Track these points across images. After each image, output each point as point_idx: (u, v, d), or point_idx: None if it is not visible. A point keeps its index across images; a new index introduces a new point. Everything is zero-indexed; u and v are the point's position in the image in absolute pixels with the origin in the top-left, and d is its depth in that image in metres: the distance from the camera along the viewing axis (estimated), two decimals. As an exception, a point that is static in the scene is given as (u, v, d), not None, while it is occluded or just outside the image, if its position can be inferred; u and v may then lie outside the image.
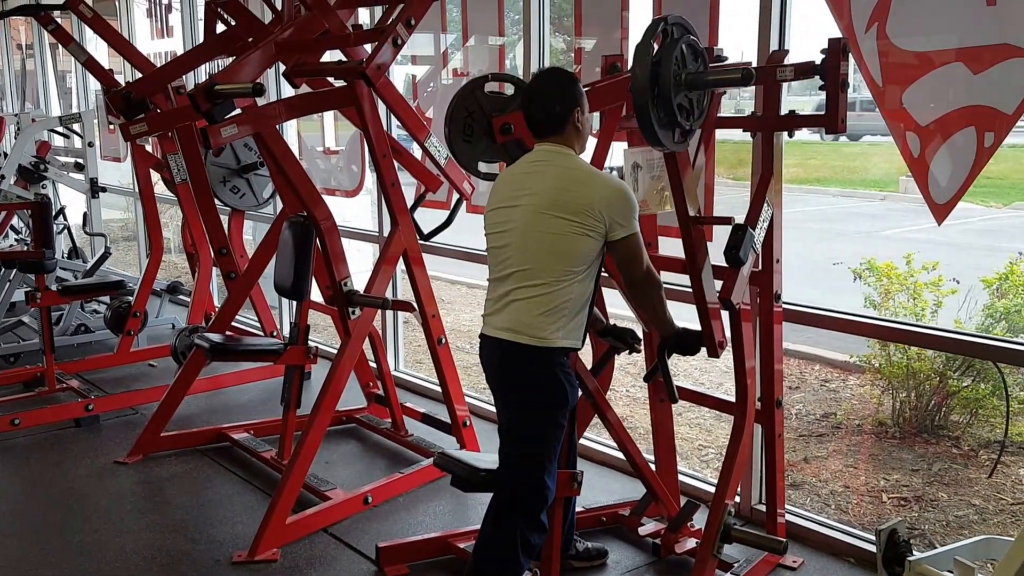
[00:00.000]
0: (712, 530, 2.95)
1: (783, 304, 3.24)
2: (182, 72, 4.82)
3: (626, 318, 4.00)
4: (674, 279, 3.32)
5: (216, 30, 4.67)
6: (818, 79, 2.87)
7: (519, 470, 2.74)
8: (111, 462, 4.34)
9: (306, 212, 3.88)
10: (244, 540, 3.51)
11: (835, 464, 4.61)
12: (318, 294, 4.63)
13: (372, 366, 4.81)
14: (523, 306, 2.70)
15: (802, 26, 3.41)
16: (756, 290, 3.19)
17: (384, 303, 3.78)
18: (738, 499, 3.67)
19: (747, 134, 3.27)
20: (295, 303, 4.26)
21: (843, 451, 4.78)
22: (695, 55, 2.65)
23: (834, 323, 3.46)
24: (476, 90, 3.24)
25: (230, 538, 3.59)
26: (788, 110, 3.04)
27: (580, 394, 2.92)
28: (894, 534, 2.77)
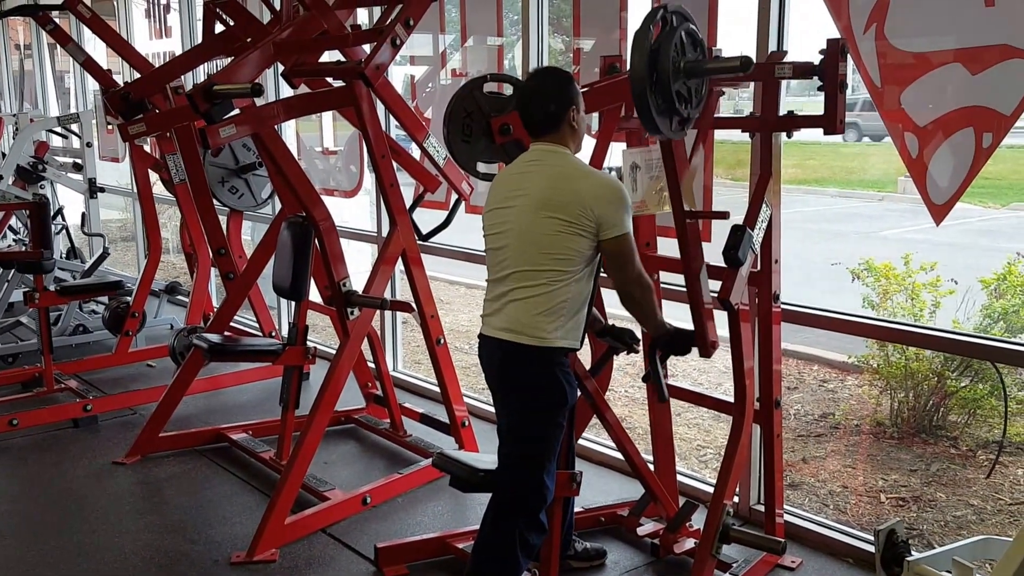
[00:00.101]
0: (711, 530, 2.95)
1: (782, 304, 3.24)
2: (180, 72, 4.83)
3: (625, 318, 3.99)
4: (674, 279, 3.32)
5: (215, 30, 4.67)
6: (817, 80, 2.88)
7: (519, 470, 2.74)
8: (109, 463, 4.33)
9: (305, 212, 3.89)
10: (243, 540, 3.51)
11: (833, 464, 4.61)
12: (317, 294, 4.63)
13: (371, 366, 4.81)
14: (521, 306, 2.70)
15: (801, 27, 3.41)
16: (755, 290, 3.19)
17: (383, 303, 3.79)
18: (737, 499, 3.68)
19: (746, 134, 3.28)
20: (294, 303, 4.26)
21: (841, 451, 4.78)
22: (694, 44, 2.63)
23: (832, 323, 3.47)
24: (475, 90, 3.24)
25: (228, 538, 3.59)
26: (787, 110, 3.04)
27: (579, 394, 2.92)
28: (892, 534, 2.77)
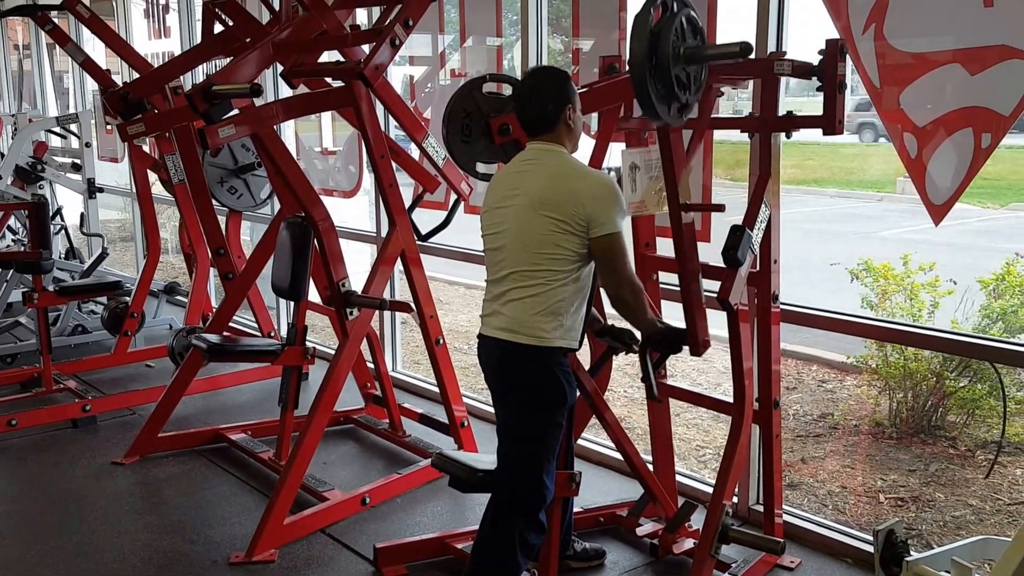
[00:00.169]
0: (710, 530, 2.95)
1: (781, 305, 3.24)
2: (180, 72, 4.83)
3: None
4: (673, 280, 3.32)
5: (214, 30, 4.67)
6: (816, 80, 2.88)
7: (518, 470, 2.75)
8: (108, 463, 4.33)
9: (304, 213, 3.89)
10: (242, 541, 3.51)
11: (832, 464, 4.61)
12: (316, 295, 4.63)
13: (370, 367, 4.81)
14: (519, 307, 2.70)
15: (800, 27, 3.41)
16: (754, 291, 3.19)
17: (382, 304, 3.79)
18: (736, 499, 3.68)
19: (745, 135, 3.28)
20: (293, 304, 4.26)
21: (840, 451, 4.78)
22: (694, 31, 2.61)
23: (831, 324, 3.47)
24: (474, 91, 3.24)
25: (228, 539, 3.59)
26: (786, 111, 3.04)
27: (578, 394, 2.92)
28: (891, 534, 2.78)
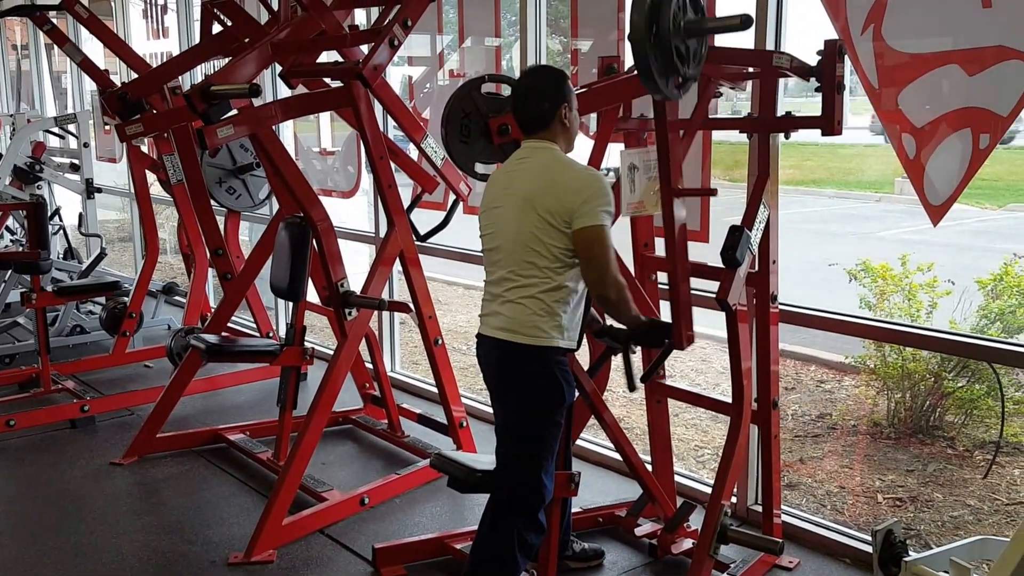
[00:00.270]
0: (709, 530, 2.95)
1: (779, 305, 3.25)
2: (178, 73, 4.83)
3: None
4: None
5: (212, 31, 4.66)
6: (814, 80, 2.88)
7: (518, 470, 2.74)
8: (107, 463, 4.33)
9: (302, 213, 3.89)
10: (240, 541, 3.51)
11: (831, 465, 4.61)
12: (314, 295, 4.63)
13: (369, 367, 4.81)
14: (517, 306, 2.70)
15: (799, 27, 3.41)
16: (752, 291, 3.20)
17: (380, 304, 3.79)
18: (734, 500, 3.67)
19: (744, 135, 3.28)
20: (291, 304, 4.26)
21: (839, 452, 4.79)
22: (694, 5, 2.60)
23: (830, 324, 3.47)
24: (473, 91, 3.24)
25: (226, 539, 3.59)
26: (784, 111, 3.04)
27: (576, 394, 2.92)
28: (890, 535, 2.78)
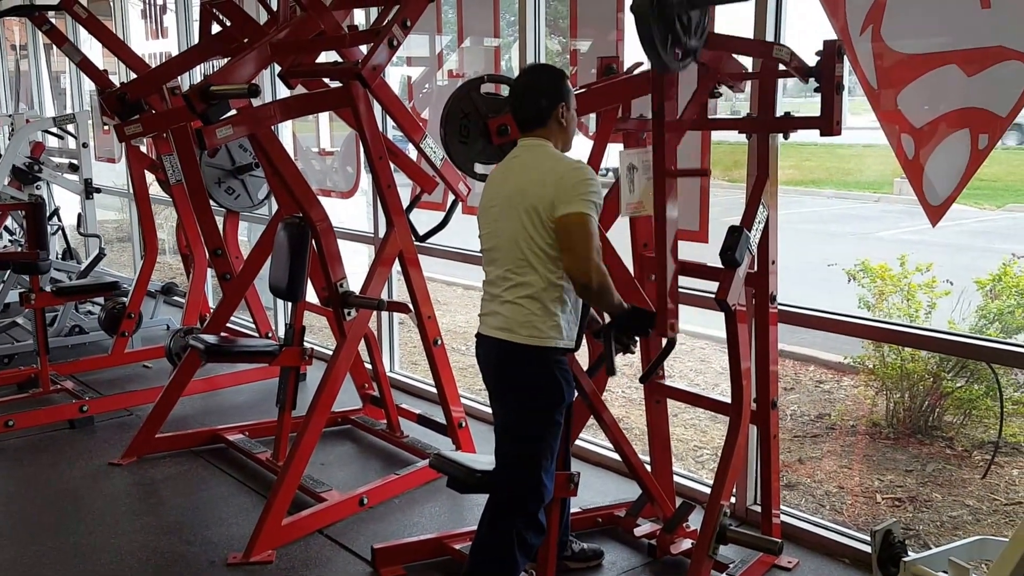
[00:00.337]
0: (708, 531, 2.95)
1: (778, 305, 3.25)
2: (177, 73, 4.82)
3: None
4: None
5: (211, 31, 4.66)
6: (812, 81, 2.88)
7: (518, 470, 2.74)
8: (106, 464, 4.33)
9: (301, 213, 3.89)
10: (239, 542, 3.51)
11: (830, 465, 4.61)
12: (313, 295, 4.63)
13: (368, 367, 4.81)
14: (515, 306, 2.70)
15: (798, 28, 3.41)
16: (752, 291, 3.20)
17: (380, 304, 3.79)
18: (734, 500, 3.68)
19: (743, 136, 3.28)
20: (290, 304, 4.26)
21: (837, 452, 4.79)
22: None
23: (828, 324, 3.47)
24: (472, 91, 3.24)
25: (225, 540, 3.58)
26: (783, 112, 3.04)
27: (576, 394, 2.92)
28: (889, 535, 2.78)
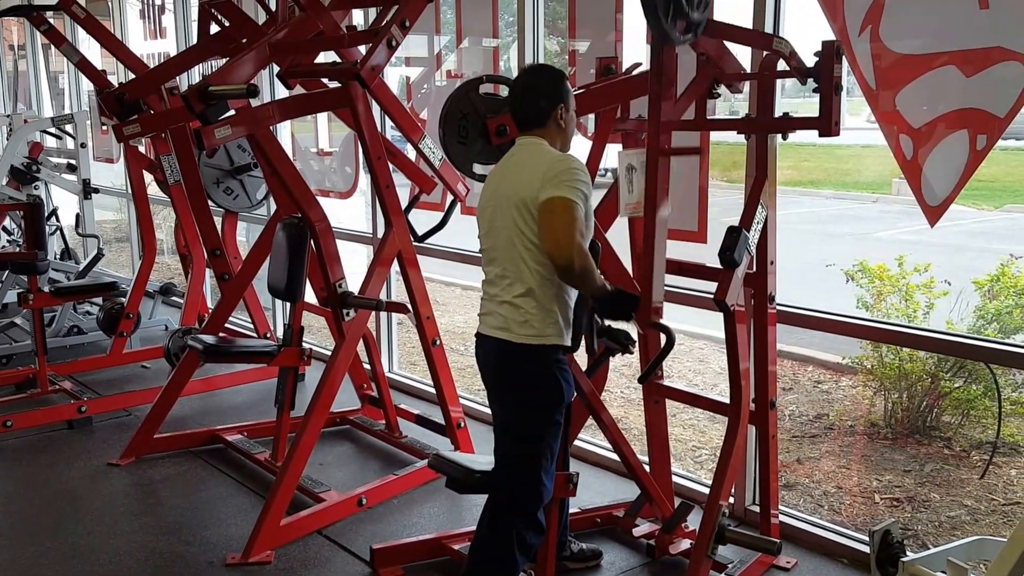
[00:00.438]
0: (706, 531, 2.95)
1: (777, 306, 3.25)
2: (176, 73, 4.83)
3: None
4: (672, 280, 3.32)
5: (210, 31, 4.66)
6: (811, 81, 2.89)
7: (518, 470, 2.74)
8: (104, 464, 4.32)
9: (300, 213, 3.88)
10: (238, 542, 3.50)
11: (828, 465, 4.61)
12: (312, 295, 4.63)
13: (366, 368, 4.81)
14: (514, 306, 2.70)
15: (797, 28, 3.41)
16: (750, 292, 3.20)
17: (378, 305, 3.79)
18: (732, 500, 3.69)
19: (742, 136, 3.28)
20: (289, 305, 4.26)
21: (836, 452, 4.79)
22: None
23: (827, 325, 3.47)
24: (471, 92, 3.24)
25: (224, 540, 3.58)
26: (782, 112, 3.05)
27: (575, 394, 2.92)
28: (888, 535, 2.78)
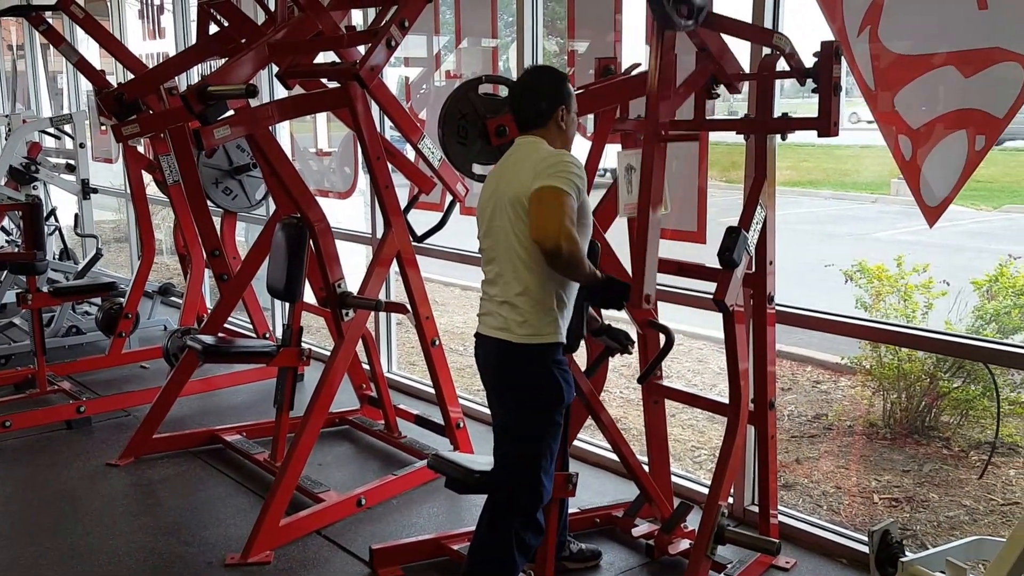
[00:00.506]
0: (706, 531, 2.96)
1: (776, 306, 3.25)
2: (175, 73, 4.82)
3: (620, 319, 4.00)
4: (671, 280, 3.32)
5: (209, 31, 4.66)
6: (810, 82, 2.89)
7: (518, 470, 2.74)
8: (103, 464, 4.32)
9: (299, 214, 3.88)
10: (237, 542, 3.50)
11: (827, 465, 4.62)
12: (311, 296, 4.63)
13: (365, 368, 4.81)
14: (513, 306, 2.69)
15: (796, 29, 3.41)
16: (749, 292, 3.20)
17: (377, 305, 3.79)
18: (731, 500, 3.69)
19: (741, 137, 3.29)
20: (288, 305, 4.26)
21: (835, 452, 4.79)
22: None
23: (826, 325, 3.48)
24: (470, 92, 3.24)
25: (223, 540, 3.58)
26: (781, 112, 3.05)
27: (574, 394, 2.92)
28: (887, 535, 2.78)
